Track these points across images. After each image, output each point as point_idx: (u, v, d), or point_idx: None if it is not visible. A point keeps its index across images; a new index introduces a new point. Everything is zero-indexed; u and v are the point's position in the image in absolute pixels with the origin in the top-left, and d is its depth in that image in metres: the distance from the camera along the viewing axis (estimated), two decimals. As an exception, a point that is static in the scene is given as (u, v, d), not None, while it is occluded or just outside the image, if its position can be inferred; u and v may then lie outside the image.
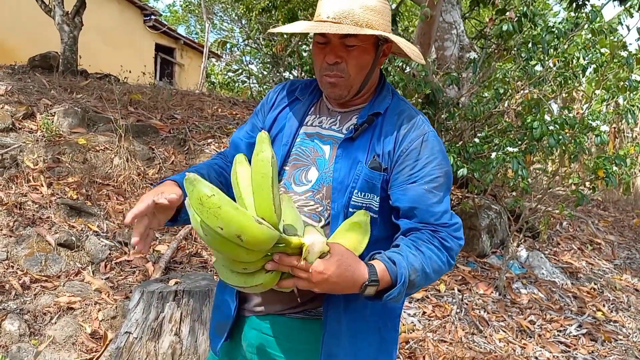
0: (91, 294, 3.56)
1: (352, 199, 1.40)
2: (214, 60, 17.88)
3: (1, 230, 3.81)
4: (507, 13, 4.25)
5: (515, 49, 4.54)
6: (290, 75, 13.06)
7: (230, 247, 1.13)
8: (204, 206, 1.07)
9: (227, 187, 1.44)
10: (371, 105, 1.48)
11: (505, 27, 4.09)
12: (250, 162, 1.27)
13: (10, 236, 3.79)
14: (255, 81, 14.96)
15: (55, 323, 3.29)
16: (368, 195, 1.40)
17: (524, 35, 4.60)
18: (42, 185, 4.30)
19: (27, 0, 10.08)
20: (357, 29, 1.35)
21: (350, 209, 1.40)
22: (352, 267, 1.21)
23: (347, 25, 1.37)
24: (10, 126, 4.87)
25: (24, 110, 5.22)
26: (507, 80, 4.58)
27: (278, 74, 12.35)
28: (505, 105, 5.36)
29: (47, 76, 7.04)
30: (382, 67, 4.84)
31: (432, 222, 1.37)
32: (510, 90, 4.97)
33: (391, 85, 1.59)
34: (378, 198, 1.42)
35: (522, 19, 4.15)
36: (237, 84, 16.25)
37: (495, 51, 6.65)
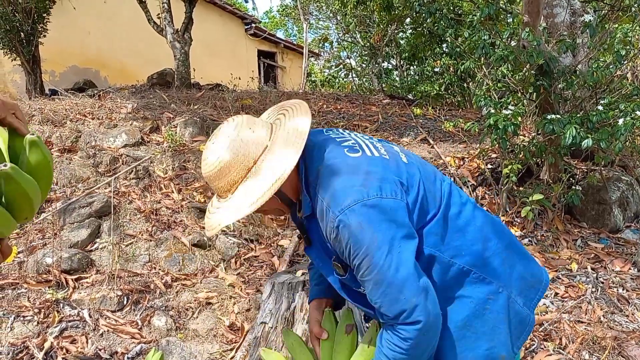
0: (226, 289, 3.80)
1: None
2: (312, 59, 18.22)
3: (142, 235, 4.18)
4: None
5: (636, 5, 4.19)
6: (388, 64, 12.98)
7: None
8: None
9: None
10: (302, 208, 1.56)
11: (623, -17, 3.79)
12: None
13: (151, 240, 4.14)
14: (355, 75, 15.06)
15: (197, 317, 3.56)
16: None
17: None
18: (173, 192, 4.65)
19: (137, 26, 10.93)
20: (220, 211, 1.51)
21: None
22: None
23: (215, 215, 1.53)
24: (140, 140, 5.31)
25: (150, 124, 5.67)
26: (629, 40, 4.23)
27: (377, 65, 12.33)
28: (628, 68, 4.97)
29: (165, 91, 7.58)
30: (489, 41, 4.59)
31: (382, 313, 1.39)
32: (633, 52, 4.59)
33: (307, 178, 1.52)
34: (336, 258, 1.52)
35: (643, -29, 3.82)
36: (337, 80, 16.43)
37: (610, 12, 6.17)
